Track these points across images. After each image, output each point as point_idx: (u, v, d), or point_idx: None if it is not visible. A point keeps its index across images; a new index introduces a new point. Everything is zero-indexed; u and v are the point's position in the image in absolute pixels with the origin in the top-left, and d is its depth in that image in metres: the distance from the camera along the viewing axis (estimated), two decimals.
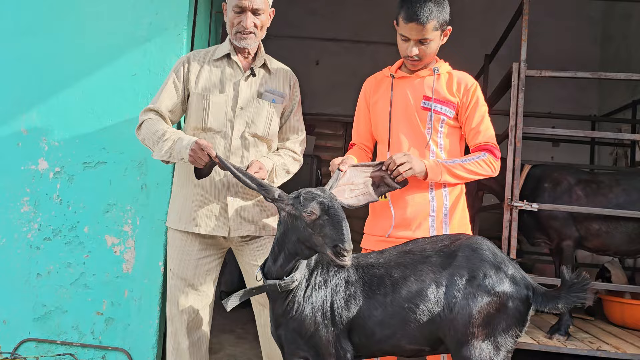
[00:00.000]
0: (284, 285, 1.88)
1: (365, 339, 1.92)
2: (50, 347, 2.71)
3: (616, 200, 3.19)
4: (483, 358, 1.81)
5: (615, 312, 3.75)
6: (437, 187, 2.25)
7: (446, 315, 1.84)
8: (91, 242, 2.74)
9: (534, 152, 5.73)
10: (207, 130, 2.33)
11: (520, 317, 1.86)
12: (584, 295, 1.83)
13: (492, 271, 1.85)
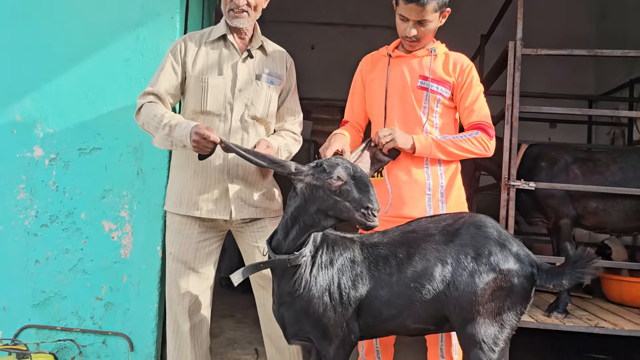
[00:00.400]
0: (294, 259, 1.86)
1: (372, 319, 1.93)
2: (50, 333, 2.72)
3: (613, 178, 3.19)
4: (488, 335, 1.83)
5: (614, 289, 3.77)
6: (433, 163, 2.25)
7: (452, 294, 1.85)
8: (88, 228, 2.74)
9: (531, 133, 5.71)
10: (206, 113, 2.32)
11: (524, 294, 1.87)
12: (589, 271, 1.84)
13: (496, 249, 1.86)
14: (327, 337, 1.92)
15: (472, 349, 1.84)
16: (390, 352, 2.39)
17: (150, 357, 2.68)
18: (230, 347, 3.75)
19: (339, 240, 2.00)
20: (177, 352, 2.43)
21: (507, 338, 1.87)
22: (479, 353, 1.83)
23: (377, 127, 2.35)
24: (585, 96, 5.88)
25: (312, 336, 1.96)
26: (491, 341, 1.83)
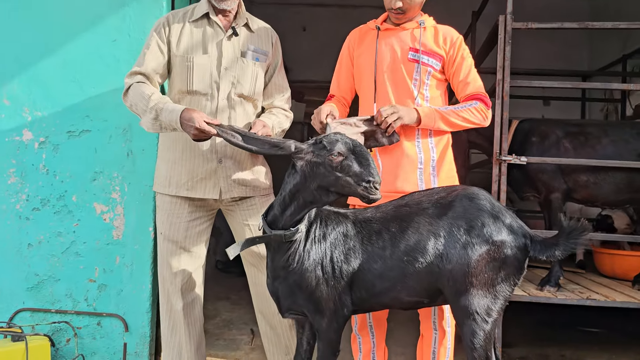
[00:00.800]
0: (290, 235, 1.88)
1: (365, 292, 1.94)
2: (45, 316, 2.73)
3: (604, 152, 3.19)
4: (481, 307, 1.84)
5: (606, 263, 3.80)
6: (424, 136, 2.24)
7: (445, 266, 1.85)
8: (80, 210, 2.74)
9: (524, 111, 5.71)
10: (192, 93, 2.31)
11: (518, 266, 1.88)
12: (582, 242, 1.85)
13: (490, 220, 1.86)
14: (320, 311, 1.94)
15: (465, 321, 1.86)
16: (383, 327, 2.41)
17: (145, 337, 2.70)
18: (227, 328, 3.77)
19: (332, 215, 2.01)
20: (171, 331, 2.45)
21: (501, 309, 1.89)
22: (473, 324, 1.84)
23: (366, 101, 2.34)
24: (579, 72, 5.87)
25: (306, 310, 1.98)
26: (484, 312, 1.84)
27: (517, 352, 3.41)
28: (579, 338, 3.78)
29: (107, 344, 2.71)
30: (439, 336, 2.27)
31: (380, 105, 2.26)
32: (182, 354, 2.44)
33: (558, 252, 1.85)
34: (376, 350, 2.37)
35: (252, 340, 3.48)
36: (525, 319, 4.12)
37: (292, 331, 2.50)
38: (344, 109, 2.47)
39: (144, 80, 2.27)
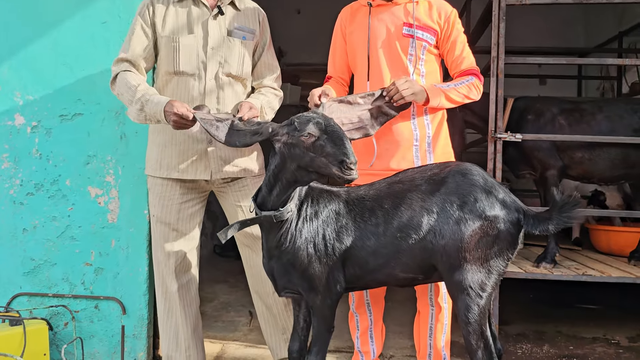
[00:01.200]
0: (279, 215, 1.89)
1: (359, 269, 1.95)
2: (42, 300, 2.73)
3: (598, 128, 3.19)
4: (475, 282, 1.85)
5: (602, 240, 3.81)
6: (419, 114, 2.23)
7: (438, 242, 1.86)
8: (74, 194, 2.73)
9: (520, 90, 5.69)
10: (179, 74, 2.29)
11: (511, 240, 1.88)
12: (575, 215, 1.85)
13: (482, 196, 1.86)
14: (314, 288, 1.95)
15: (459, 296, 1.87)
16: (380, 305, 2.42)
17: (142, 319, 2.70)
18: (225, 310, 3.79)
19: (324, 194, 2.01)
20: (167, 313, 2.45)
21: (495, 284, 1.90)
22: (467, 299, 1.85)
23: (360, 79, 2.33)
24: (574, 49, 5.84)
25: (300, 288, 1.99)
26: (478, 287, 1.85)
27: (514, 329, 3.44)
28: (575, 314, 3.81)
29: (105, 327, 2.71)
30: (436, 312, 2.28)
31: (374, 83, 2.24)
32: (179, 335, 2.45)
33: (551, 226, 1.85)
34: (374, 327, 2.38)
35: (251, 322, 3.50)
36: (521, 296, 4.16)
37: (288, 311, 2.51)
38: (343, 88, 2.45)
39: (129, 68, 2.26)
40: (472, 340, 1.87)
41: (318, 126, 1.79)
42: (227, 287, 4.38)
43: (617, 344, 3.23)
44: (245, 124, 1.98)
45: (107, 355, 2.71)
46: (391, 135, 2.23)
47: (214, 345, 3.07)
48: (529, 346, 3.15)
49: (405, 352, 2.98)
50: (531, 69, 6.10)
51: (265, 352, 2.85)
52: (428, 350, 2.30)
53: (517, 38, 5.13)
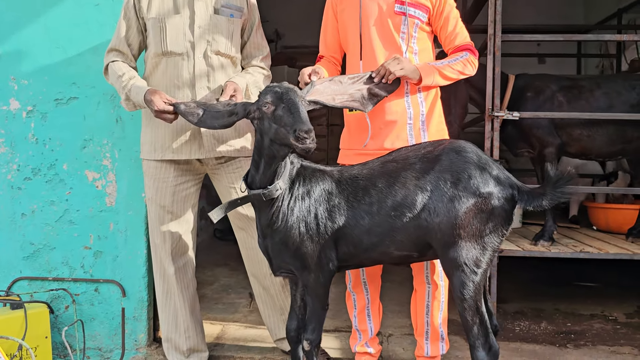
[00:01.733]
0: (268, 193, 1.90)
1: (353, 247, 1.96)
2: (42, 284, 2.75)
3: (597, 104, 3.18)
4: (470, 258, 1.85)
5: (600, 217, 3.82)
6: (413, 92, 2.22)
7: (432, 220, 1.86)
8: (72, 178, 2.73)
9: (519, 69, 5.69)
10: (168, 54, 2.29)
11: (505, 216, 1.88)
12: (569, 190, 1.85)
13: (476, 172, 1.86)
14: (306, 267, 1.97)
15: (454, 272, 1.88)
16: (377, 283, 2.43)
17: (142, 301, 2.72)
18: (225, 293, 3.82)
19: (317, 173, 2.02)
20: (166, 295, 2.48)
21: (489, 260, 1.90)
22: (462, 275, 1.86)
23: (353, 58, 2.31)
24: (573, 27, 5.79)
25: (293, 267, 2.01)
26: (473, 263, 1.86)
27: (512, 307, 3.46)
28: (573, 292, 3.83)
29: (106, 310, 2.73)
30: (432, 290, 2.30)
31: (367, 62, 2.23)
32: (178, 317, 2.47)
33: (545, 201, 1.85)
34: (371, 306, 2.40)
35: (251, 304, 3.52)
36: (520, 275, 4.18)
37: (286, 291, 2.53)
38: (335, 67, 2.44)
39: (116, 57, 2.33)
40: (467, 316, 1.89)
41: (276, 95, 1.82)
42: (227, 270, 4.40)
43: (614, 320, 3.25)
44: (223, 106, 1.99)
45: (107, 337, 2.74)
46: (385, 115, 2.22)
47: (214, 327, 3.10)
48: (526, 323, 3.18)
49: (403, 331, 3.00)
50: (530, 47, 6.06)
51: (265, 332, 2.87)
52: (425, 327, 2.32)
53: (515, 16, 5.09)
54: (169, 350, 2.50)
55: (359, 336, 2.42)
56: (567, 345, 2.84)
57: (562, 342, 2.89)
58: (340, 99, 2.09)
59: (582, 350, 2.77)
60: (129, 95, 2.21)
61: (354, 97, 2.11)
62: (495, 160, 1.97)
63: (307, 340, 2.05)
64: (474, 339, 1.90)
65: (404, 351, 2.72)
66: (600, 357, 2.68)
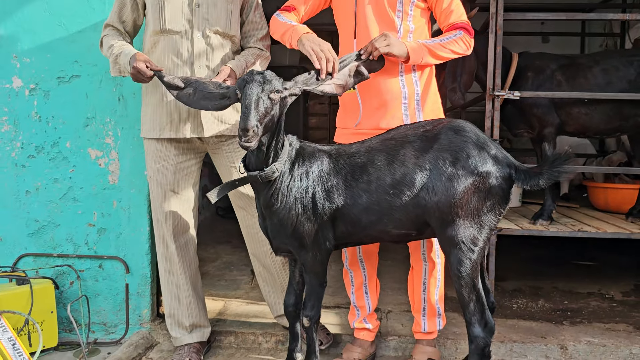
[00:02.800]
0: (264, 176, 1.91)
1: (351, 226, 1.99)
2: (47, 260, 2.80)
3: (595, 81, 3.17)
4: (467, 236, 1.88)
5: (600, 197, 3.84)
6: (407, 71, 2.22)
7: (431, 198, 1.89)
8: (75, 156, 2.76)
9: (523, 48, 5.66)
10: (166, 32, 2.30)
11: (503, 195, 1.91)
12: (566, 170, 1.86)
13: (475, 152, 1.88)
14: (304, 246, 2.00)
15: (452, 250, 1.91)
16: (374, 260, 2.46)
17: (146, 278, 2.77)
18: (227, 270, 3.87)
19: (315, 153, 2.03)
20: (168, 272, 2.52)
21: (487, 238, 1.93)
22: (459, 253, 1.89)
23: (346, 37, 2.29)
24: (578, 5, 5.72)
25: (291, 247, 2.04)
26: (470, 241, 1.89)
27: (511, 285, 3.51)
28: (571, 271, 3.87)
29: (110, 286, 2.78)
30: (429, 267, 2.33)
31: (361, 41, 2.21)
32: (181, 294, 2.52)
33: (542, 180, 1.87)
34: (368, 283, 2.43)
35: (252, 280, 3.57)
36: (519, 254, 4.22)
37: (286, 269, 2.57)
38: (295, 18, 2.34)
39: (111, 32, 2.36)
40: (464, 293, 1.92)
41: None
42: (229, 248, 4.45)
43: (611, 299, 3.29)
44: (216, 87, 1.99)
45: (112, 313, 2.79)
46: (379, 95, 2.22)
47: (216, 303, 3.15)
48: (524, 301, 3.22)
49: (402, 308, 3.05)
50: (534, 26, 6.01)
51: (266, 308, 2.92)
52: (422, 304, 2.36)
53: None
54: (172, 325, 2.55)
55: (357, 312, 2.46)
56: (563, 322, 2.89)
57: (558, 319, 2.93)
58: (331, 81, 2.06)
59: (577, 327, 2.82)
60: (117, 58, 2.24)
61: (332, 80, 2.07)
62: (495, 140, 1.99)
63: (306, 317, 2.09)
64: (470, 315, 1.94)
65: (402, 327, 2.77)
66: (595, 333, 2.73)
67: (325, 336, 2.59)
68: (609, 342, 2.62)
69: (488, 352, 1.96)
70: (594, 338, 2.67)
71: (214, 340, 2.70)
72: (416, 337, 2.45)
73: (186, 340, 2.52)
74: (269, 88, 1.80)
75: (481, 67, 3.27)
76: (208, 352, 2.61)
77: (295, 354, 2.24)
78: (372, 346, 2.52)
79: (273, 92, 1.80)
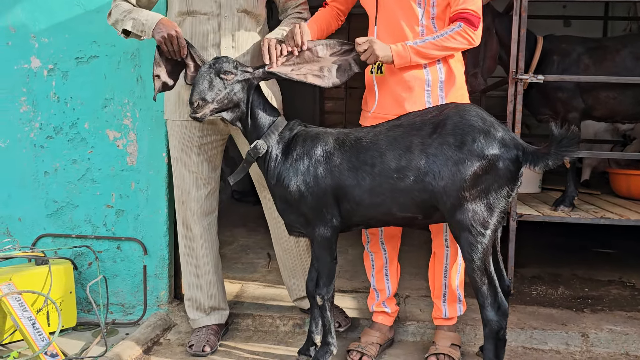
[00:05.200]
0: (251, 153, 2.08)
1: (355, 205, 2.02)
2: (66, 241, 2.81)
3: (623, 65, 3.09)
4: (477, 220, 1.88)
5: (622, 184, 3.77)
6: (431, 64, 2.17)
7: (437, 184, 1.88)
8: (93, 137, 2.75)
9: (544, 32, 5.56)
10: (192, 13, 2.26)
11: (511, 177, 1.90)
12: (574, 150, 1.83)
13: (480, 135, 1.87)
14: (310, 222, 2.06)
15: (462, 234, 1.91)
16: (395, 243, 2.42)
17: (163, 259, 2.77)
18: (244, 253, 3.87)
19: (321, 135, 2.09)
20: (189, 254, 2.51)
21: (497, 221, 1.93)
22: (469, 237, 1.89)
23: (370, 21, 2.25)
24: None
25: (298, 224, 2.11)
26: (480, 225, 1.88)
27: (530, 271, 3.47)
28: (591, 259, 3.82)
29: (128, 267, 2.79)
30: (451, 252, 2.30)
31: (382, 28, 2.19)
32: (201, 276, 2.51)
33: (550, 161, 1.85)
34: (389, 266, 2.41)
35: (269, 264, 3.57)
36: (538, 241, 4.17)
37: (309, 253, 2.55)
38: (336, 20, 2.36)
39: (122, 2, 2.26)
40: (476, 277, 1.92)
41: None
42: (245, 231, 4.45)
43: (632, 287, 3.24)
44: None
45: (130, 294, 2.80)
46: (403, 81, 2.17)
47: (233, 285, 3.15)
48: (543, 288, 3.18)
49: (420, 293, 3.03)
50: (556, 9, 5.88)
51: (283, 291, 2.92)
52: (443, 289, 2.33)
53: None
54: (190, 307, 2.55)
55: (377, 296, 2.44)
56: (584, 309, 2.85)
57: (579, 306, 2.89)
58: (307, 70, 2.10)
59: (599, 315, 2.77)
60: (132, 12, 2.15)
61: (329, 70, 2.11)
62: (501, 122, 1.96)
63: (319, 295, 2.13)
64: (483, 298, 1.95)
65: (421, 312, 2.75)
66: (617, 322, 2.68)
67: (344, 319, 2.58)
68: (631, 330, 2.58)
69: (503, 335, 1.95)
70: (615, 326, 2.62)
71: (231, 323, 2.69)
72: (436, 323, 2.43)
73: (204, 322, 2.52)
74: (218, 69, 1.99)
75: (504, 50, 3.20)
76: (226, 334, 2.61)
77: (315, 336, 2.23)
78: (391, 331, 2.50)
79: (223, 73, 1.99)
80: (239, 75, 2.03)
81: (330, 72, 2.11)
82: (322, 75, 2.11)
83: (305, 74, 2.09)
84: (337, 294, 2.98)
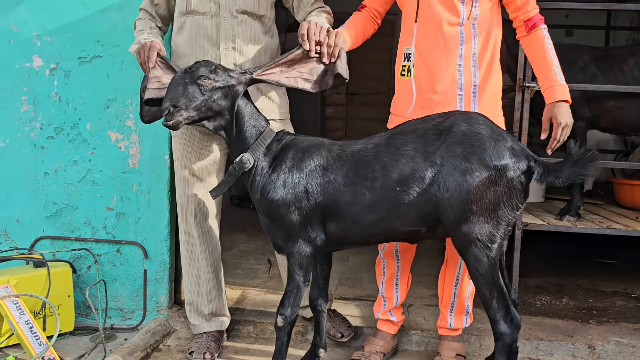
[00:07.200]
0: (236, 166, 1.96)
1: (351, 224, 1.90)
2: (65, 244, 2.75)
3: (632, 74, 3.06)
4: (483, 234, 1.80)
5: (626, 195, 3.73)
6: (467, 57, 2.09)
7: (442, 195, 1.80)
8: (95, 138, 2.70)
9: None
10: (192, 13, 2.25)
11: (521, 189, 1.82)
12: (588, 172, 1.78)
13: (490, 145, 1.79)
14: (292, 237, 1.95)
15: (467, 248, 1.83)
16: (410, 253, 2.36)
17: (164, 264, 2.72)
18: (244, 258, 3.83)
19: (313, 147, 1.97)
20: (190, 258, 2.47)
21: (504, 234, 1.86)
22: (476, 251, 1.82)
23: (407, 19, 2.17)
24: None
25: (279, 239, 1.98)
26: (487, 238, 1.81)
27: (534, 281, 3.43)
28: (596, 269, 3.79)
29: (127, 271, 2.74)
30: None
31: (422, 26, 2.10)
32: (201, 281, 2.47)
33: (560, 179, 1.79)
34: (400, 275, 2.35)
35: (270, 270, 3.53)
36: (543, 251, 4.13)
37: None
38: (372, 24, 2.30)
39: (144, 17, 2.32)
40: (485, 291, 1.86)
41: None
42: (245, 236, 4.40)
43: (637, 298, 3.21)
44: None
45: (129, 298, 2.75)
46: (434, 84, 2.10)
47: (234, 291, 3.10)
48: (548, 298, 3.15)
49: (424, 301, 2.99)
50: (558, 18, 5.88)
51: None
52: (452, 299, 2.29)
53: None
54: (190, 313, 2.51)
55: (384, 303, 2.39)
56: (589, 321, 2.81)
57: (584, 317, 2.86)
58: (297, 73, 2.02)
59: (605, 327, 2.74)
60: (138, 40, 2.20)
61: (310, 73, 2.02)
62: (510, 132, 1.91)
63: (281, 315, 1.99)
64: (494, 312, 1.87)
65: (425, 321, 2.71)
66: (624, 333, 2.65)
67: (347, 328, 2.53)
68: (638, 342, 2.55)
69: (515, 349, 1.90)
70: (622, 338, 2.59)
71: (232, 329, 2.65)
72: (440, 333, 2.38)
73: (205, 329, 2.47)
74: (193, 74, 1.87)
75: (511, 58, 3.17)
76: (227, 340, 2.57)
77: (319, 349, 2.18)
78: (394, 339, 2.46)
79: (199, 79, 1.86)
80: (220, 82, 1.89)
81: (321, 75, 2.03)
82: (311, 79, 2.02)
83: (295, 77, 2.00)
84: (340, 301, 2.94)
